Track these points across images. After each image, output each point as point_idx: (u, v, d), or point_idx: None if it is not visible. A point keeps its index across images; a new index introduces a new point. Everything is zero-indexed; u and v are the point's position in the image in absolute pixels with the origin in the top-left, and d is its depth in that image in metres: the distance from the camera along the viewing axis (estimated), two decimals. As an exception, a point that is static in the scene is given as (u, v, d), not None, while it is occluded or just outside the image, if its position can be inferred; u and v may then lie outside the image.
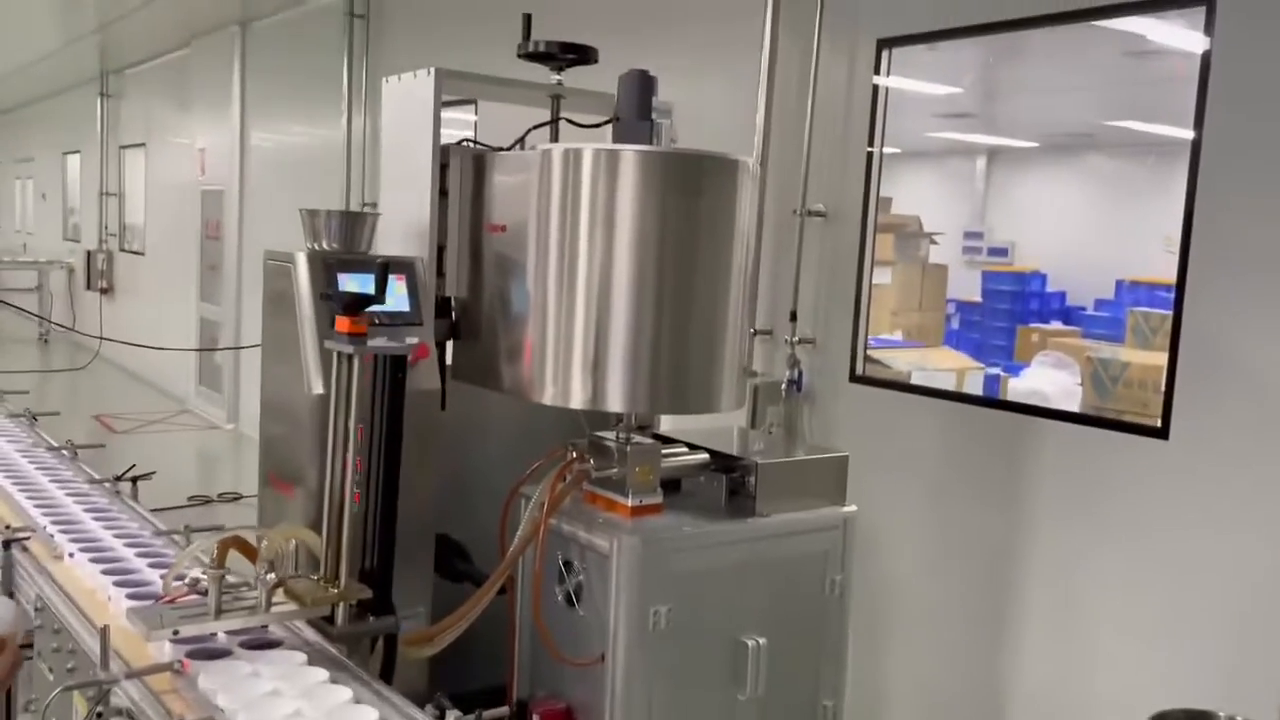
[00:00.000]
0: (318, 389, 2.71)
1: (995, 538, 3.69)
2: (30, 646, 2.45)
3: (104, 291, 12.92)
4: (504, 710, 1.98)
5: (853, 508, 3.32)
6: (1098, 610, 3.60)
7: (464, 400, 3.37)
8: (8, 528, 2.83)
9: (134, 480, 3.27)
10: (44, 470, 3.50)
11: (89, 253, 13.94)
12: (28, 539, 2.77)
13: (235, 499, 6.56)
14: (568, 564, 3.07)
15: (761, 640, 3.04)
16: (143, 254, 12.32)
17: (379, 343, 2.53)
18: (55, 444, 3.78)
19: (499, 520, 3.19)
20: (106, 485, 3.30)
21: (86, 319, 11.51)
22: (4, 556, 2.72)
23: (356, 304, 2.46)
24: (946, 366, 4.24)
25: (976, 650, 3.74)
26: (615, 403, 2.97)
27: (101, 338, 7.36)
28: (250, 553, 2.13)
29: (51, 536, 2.76)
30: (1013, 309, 9.97)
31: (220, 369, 9.82)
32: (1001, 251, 12.87)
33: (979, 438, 3.77)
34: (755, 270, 3.23)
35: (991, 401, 3.81)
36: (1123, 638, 3.57)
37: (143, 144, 12.55)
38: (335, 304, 2.48)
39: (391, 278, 2.74)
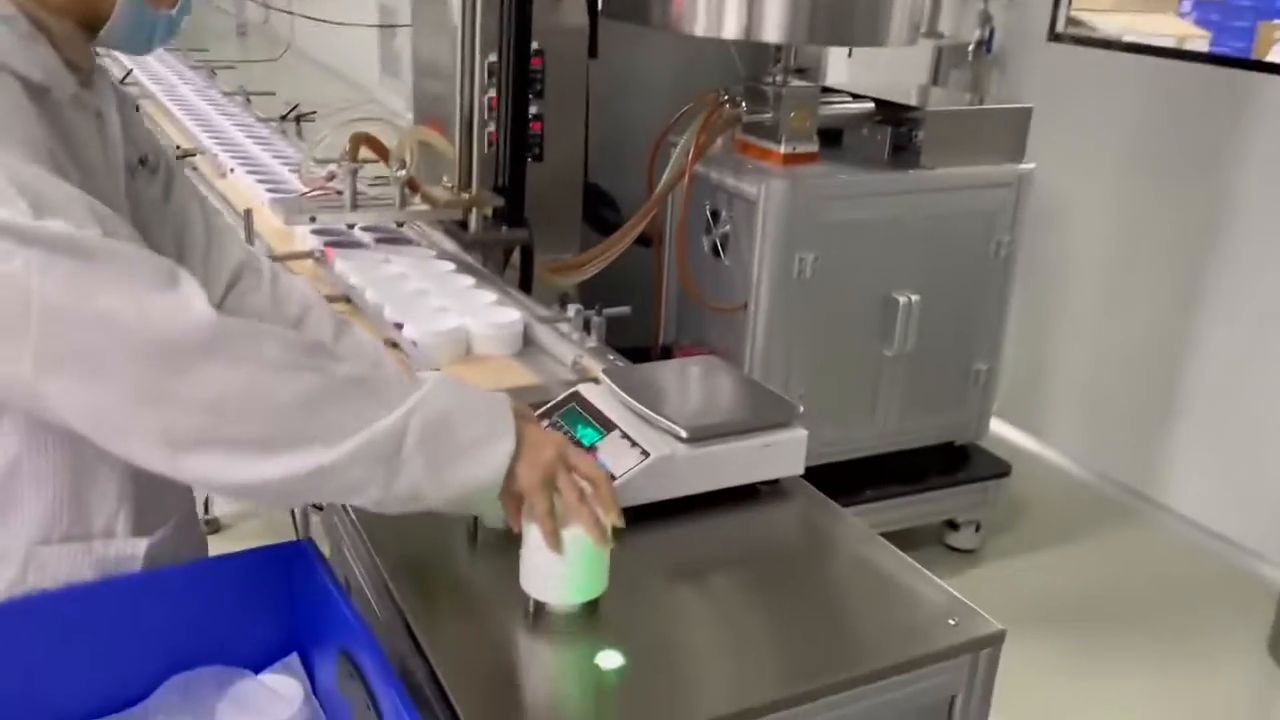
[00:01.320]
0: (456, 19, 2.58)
1: (1196, 219, 3.33)
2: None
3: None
4: (625, 309, 1.95)
5: (1030, 165, 3.04)
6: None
7: (617, 48, 3.21)
8: (178, 148, 2.98)
9: (298, 119, 3.36)
10: (217, 108, 3.66)
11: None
12: (196, 158, 2.91)
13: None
14: (715, 213, 2.98)
15: (914, 297, 2.92)
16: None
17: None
18: (229, 90, 3.92)
19: (646, 168, 3.10)
20: (273, 124, 3.41)
21: (277, 16, 11.69)
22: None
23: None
24: (1166, 32, 3.70)
25: (1152, 341, 3.49)
26: (772, 32, 2.73)
27: (291, 12, 7.45)
28: (381, 151, 2.13)
29: (216, 156, 2.89)
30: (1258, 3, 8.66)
31: (400, 56, 9.82)
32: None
33: (1197, 104, 3.32)
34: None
35: (1224, 60, 3.24)
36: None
37: None
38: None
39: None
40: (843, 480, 2.94)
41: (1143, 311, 3.57)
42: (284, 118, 3.44)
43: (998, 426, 3.78)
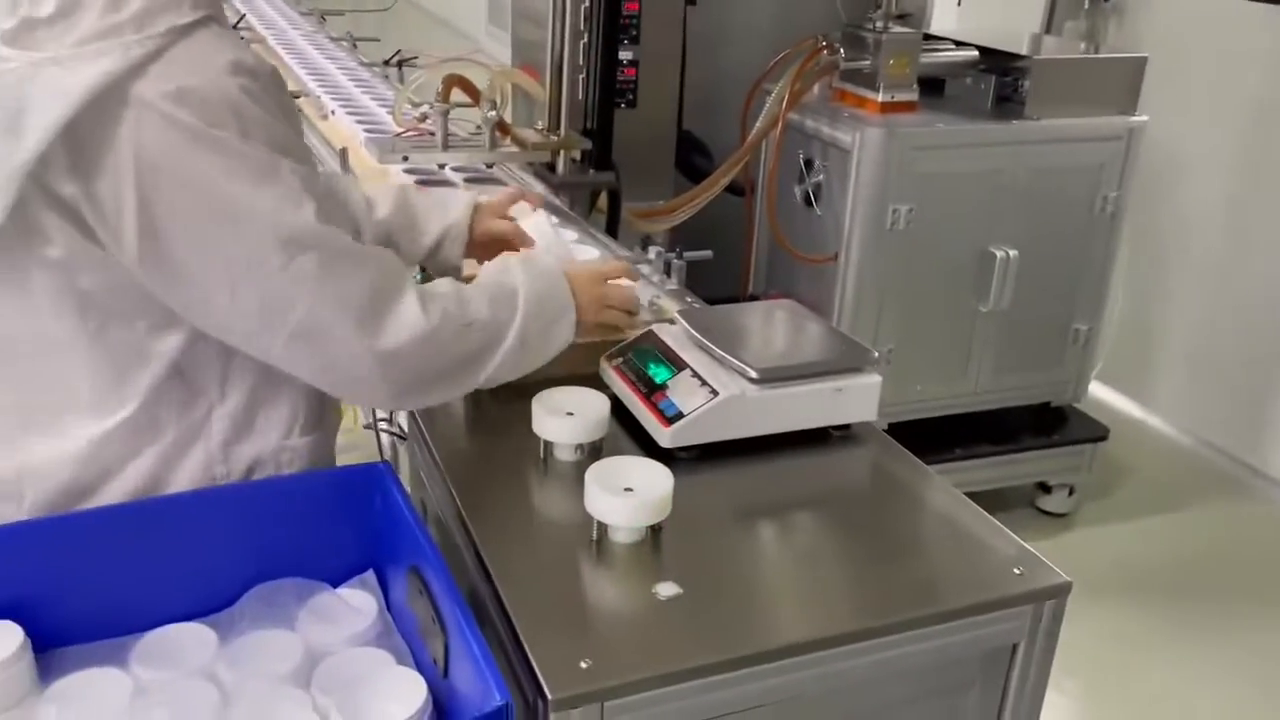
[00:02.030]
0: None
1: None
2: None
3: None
4: (707, 253, 1.95)
5: (1142, 118, 2.91)
6: None
7: (716, 1, 3.18)
8: (283, 90, 3.06)
9: (400, 64, 3.42)
10: (323, 53, 3.76)
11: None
12: (300, 100, 2.99)
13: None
14: (808, 162, 2.95)
15: (1012, 252, 2.84)
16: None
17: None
18: (336, 35, 4.01)
19: (740, 116, 3.07)
20: (375, 68, 3.48)
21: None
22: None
23: None
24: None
25: (1269, 306, 3.32)
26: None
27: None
28: (473, 92, 2.16)
29: (319, 98, 2.97)
30: None
31: (506, 6, 9.86)
32: None
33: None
34: None
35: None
36: None
37: None
38: None
39: None
40: (931, 437, 2.91)
41: (1260, 274, 3.40)
42: (387, 62, 3.50)
43: (1098, 390, 3.67)
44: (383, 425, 2.05)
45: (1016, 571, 1.18)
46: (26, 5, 1.03)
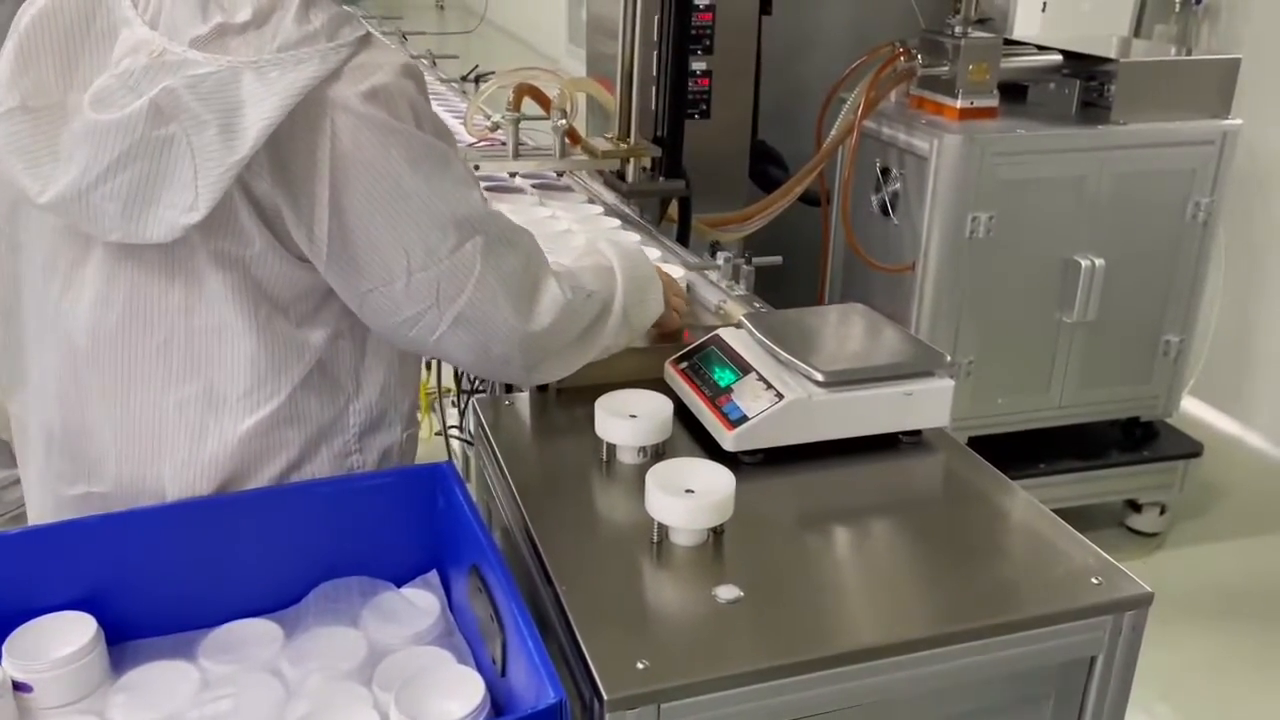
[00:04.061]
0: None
1: None
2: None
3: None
4: (777, 258, 1.93)
5: (1236, 121, 2.80)
6: None
7: (793, 3, 3.15)
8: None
9: (476, 79, 3.47)
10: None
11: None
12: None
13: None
14: (884, 171, 2.90)
15: (1098, 261, 2.76)
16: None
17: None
18: (416, 53, 4.08)
19: (815, 125, 3.04)
20: (454, 83, 3.54)
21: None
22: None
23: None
24: None
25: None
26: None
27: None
28: (544, 101, 2.17)
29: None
30: None
31: (582, 28, 9.97)
32: None
33: None
34: None
35: None
36: None
37: None
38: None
39: None
40: (1013, 451, 2.83)
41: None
42: (464, 78, 3.56)
43: (1192, 405, 3.53)
44: (453, 431, 2.07)
45: (1095, 581, 1.13)
46: (219, 14, 1.09)
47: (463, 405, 2.12)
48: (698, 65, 2.77)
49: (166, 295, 1.16)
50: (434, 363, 2.38)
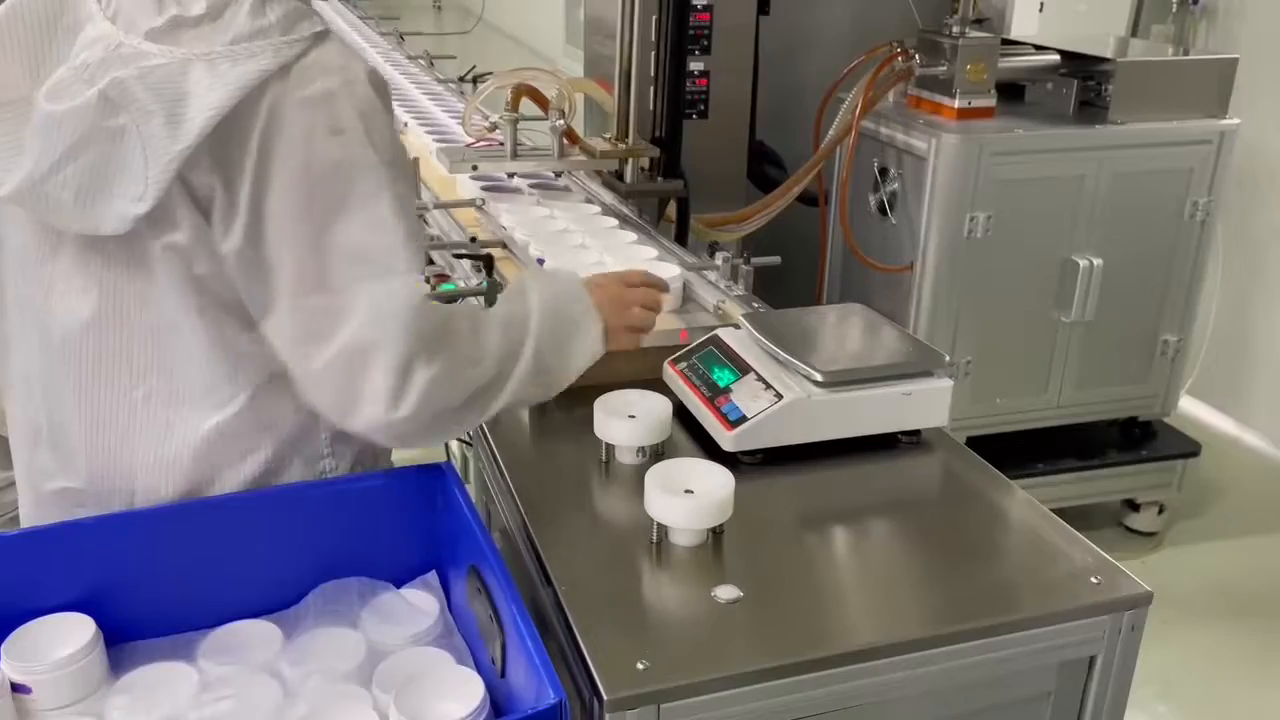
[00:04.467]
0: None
1: None
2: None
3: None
4: (776, 259, 1.93)
5: (1234, 121, 2.81)
6: None
7: (790, 3, 3.15)
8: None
9: (474, 80, 3.46)
10: (399, 69, 3.84)
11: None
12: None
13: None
14: (883, 170, 2.90)
15: (1096, 261, 2.76)
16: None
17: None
18: (413, 54, 4.09)
19: (813, 125, 3.04)
20: (451, 84, 3.54)
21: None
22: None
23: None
24: None
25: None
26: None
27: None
28: (542, 101, 2.17)
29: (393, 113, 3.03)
30: None
31: (579, 29, 9.95)
32: None
33: None
34: None
35: None
36: None
37: None
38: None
39: None
40: (1012, 451, 2.83)
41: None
42: (462, 78, 3.56)
43: (1190, 404, 3.53)
44: (452, 432, 2.05)
45: (1094, 581, 1.13)
46: (175, 7, 1.09)
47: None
48: (696, 65, 2.77)
49: (128, 290, 1.16)
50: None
